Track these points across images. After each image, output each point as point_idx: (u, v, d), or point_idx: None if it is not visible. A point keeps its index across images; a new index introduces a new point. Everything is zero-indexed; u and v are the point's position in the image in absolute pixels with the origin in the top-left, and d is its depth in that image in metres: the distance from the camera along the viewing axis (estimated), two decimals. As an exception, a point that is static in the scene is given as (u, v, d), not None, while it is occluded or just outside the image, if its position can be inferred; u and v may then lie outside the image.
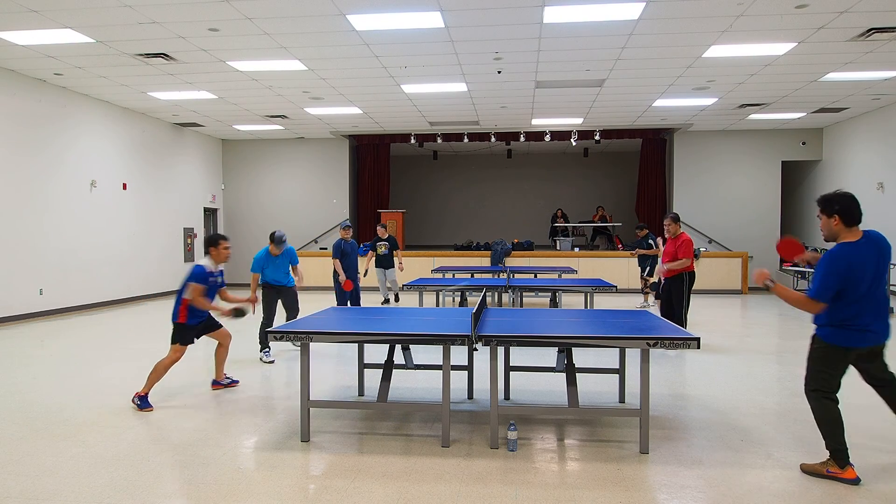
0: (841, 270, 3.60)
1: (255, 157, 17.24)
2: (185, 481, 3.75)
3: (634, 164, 17.82)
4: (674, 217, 8.05)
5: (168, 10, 7.49)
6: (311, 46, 8.88)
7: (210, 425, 4.77)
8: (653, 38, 8.54)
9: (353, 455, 4.17)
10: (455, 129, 15.77)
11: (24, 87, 10.49)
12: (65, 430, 4.69)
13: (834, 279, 3.61)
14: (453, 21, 7.89)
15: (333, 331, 4.46)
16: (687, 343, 3.96)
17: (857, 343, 3.70)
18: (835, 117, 14.14)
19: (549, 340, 4.34)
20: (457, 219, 21.31)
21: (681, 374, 6.58)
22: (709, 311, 11.70)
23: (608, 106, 12.96)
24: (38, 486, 3.67)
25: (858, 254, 3.64)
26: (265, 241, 17.77)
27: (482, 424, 4.70)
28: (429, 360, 5.77)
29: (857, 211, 3.71)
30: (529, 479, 3.74)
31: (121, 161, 13.10)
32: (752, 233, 15.83)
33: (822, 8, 7.37)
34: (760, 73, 10.25)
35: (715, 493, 3.56)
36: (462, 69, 10.07)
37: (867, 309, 3.66)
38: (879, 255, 3.69)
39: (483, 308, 5.39)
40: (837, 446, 3.72)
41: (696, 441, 4.41)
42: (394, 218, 16.60)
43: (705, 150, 16.04)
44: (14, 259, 10.29)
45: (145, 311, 11.87)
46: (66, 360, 7.33)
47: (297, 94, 11.83)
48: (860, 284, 3.62)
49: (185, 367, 6.95)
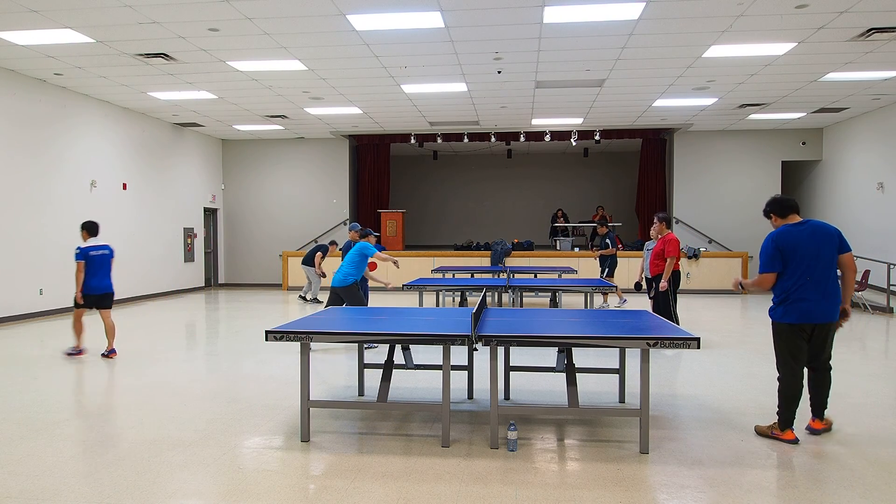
0: (769, 245, 4.41)
1: (255, 157, 17.24)
2: (185, 481, 3.74)
3: (634, 164, 17.83)
4: (659, 218, 8.22)
5: (168, 10, 7.49)
6: (311, 46, 8.88)
7: (210, 425, 4.77)
8: (653, 38, 8.55)
9: (353, 455, 4.17)
10: (455, 129, 15.77)
11: (24, 87, 10.49)
12: (64, 430, 4.69)
13: (767, 253, 4.41)
14: (453, 21, 7.89)
15: (333, 331, 4.45)
16: (687, 343, 3.96)
17: (798, 319, 4.31)
18: (835, 117, 14.15)
19: (549, 340, 4.34)
20: (457, 219, 21.32)
21: (681, 373, 6.58)
22: (709, 311, 11.70)
23: (608, 106, 12.96)
24: (38, 486, 3.67)
25: (787, 233, 4.38)
26: (265, 240, 17.87)
27: (482, 424, 4.70)
28: (429, 360, 5.78)
29: (784, 204, 4.51)
30: (529, 479, 3.74)
31: (121, 161, 13.10)
32: (752, 233, 15.79)
33: (822, 8, 7.37)
34: (760, 73, 10.25)
35: (715, 493, 3.56)
36: (462, 69, 10.07)
37: (806, 284, 4.29)
38: (816, 237, 4.33)
39: (483, 308, 5.39)
40: (786, 416, 4.38)
41: (696, 441, 4.41)
42: (394, 218, 16.60)
43: (705, 150, 16.05)
44: (14, 259, 10.29)
45: (145, 311, 11.87)
46: (66, 359, 7.33)
47: (297, 94, 11.83)
48: (793, 259, 4.32)
49: (184, 367, 6.95)
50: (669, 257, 7.73)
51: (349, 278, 7.58)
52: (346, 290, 7.58)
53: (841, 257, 4.41)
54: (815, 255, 4.30)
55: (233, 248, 17.47)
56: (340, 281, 7.61)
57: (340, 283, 7.60)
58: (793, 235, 4.35)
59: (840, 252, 4.39)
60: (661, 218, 8.22)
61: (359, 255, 7.69)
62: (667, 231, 8.09)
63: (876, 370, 6.73)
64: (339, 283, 7.61)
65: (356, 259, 7.68)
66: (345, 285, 7.58)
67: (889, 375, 6.53)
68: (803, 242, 4.32)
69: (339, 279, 7.63)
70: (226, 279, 17.40)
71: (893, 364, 7.23)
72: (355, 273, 7.63)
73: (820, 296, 4.29)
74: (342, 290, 7.60)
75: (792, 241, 4.34)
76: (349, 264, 7.66)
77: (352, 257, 7.69)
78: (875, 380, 6.27)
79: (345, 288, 7.58)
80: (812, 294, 4.28)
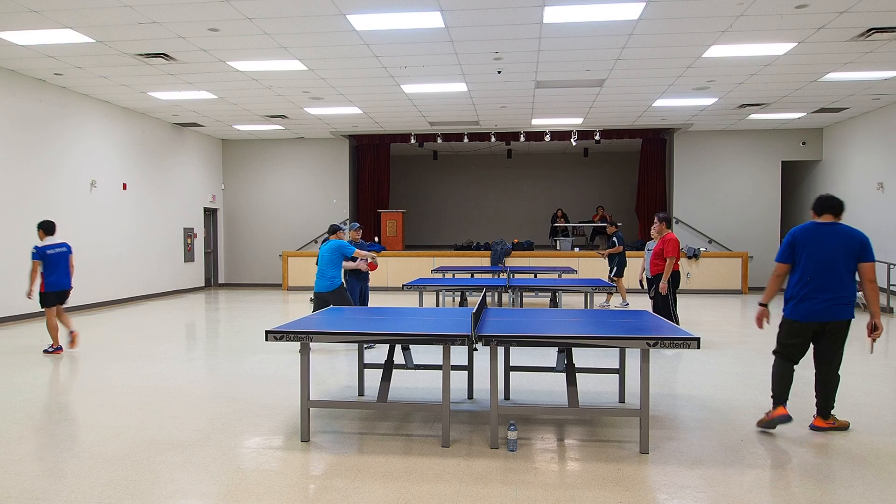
0: (787, 237, 4.55)
1: (255, 157, 17.25)
2: (185, 481, 3.74)
3: (634, 164, 17.82)
4: (659, 217, 8.25)
5: (168, 10, 7.49)
6: (311, 46, 8.88)
7: (210, 425, 4.77)
8: (653, 38, 8.54)
9: (353, 455, 4.17)
10: (455, 129, 15.77)
11: (24, 87, 10.49)
12: (65, 430, 4.69)
13: (782, 244, 4.58)
14: (453, 21, 7.89)
15: (333, 331, 4.45)
16: (687, 343, 3.96)
17: (803, 318, 4.43)
18: (835, 117, 14.15)
19: (549, 340, 4.34)
20: (457, 219, 21.31)
21: (681, 374, 6.58)
22: (709, 311, 11.70)
23: (608, 106, 12.96)
24: (38, 486, 3.67)
25: (807, 229, 4.47)
26: (265, 240, 17.88)
27: (482, 424, 4.70)
28: (429, 360, 5.77)
29: (821, 202, 4.53)
30: (529, 479, 3.74)
31: (121, 161, 13.10)
32: (752, 233, 15.84)
33: (822, 8, 7.37)
34: (760, 73, 10.25)
35: (715, 493, 3.56)
36: (462, 69, 10.07)
37: (811, 284, 4.38)
38: (836, 240, 4.37)
39: (483, 308, 5.39)
40: (777, 392, 4.56)
41: (696, 441, 4.41)
42: (394, 218, 16.60)
43: (705, 150, 16.05)
44: (14, 259, 10.28)
45: (145, 311, 11.87)
46: (66, 359, 7.33)
47: (297, 94, 11.83)
48: (804, 256, 4.41)
49: (184, 367, 6.95)
50: (669, 257, 7.74)
51: (336, 281, 7.47)
52: (334, 293, 7.45)
53: (860, 266, 4.38)
54: (829, 257, 4.35)
55: (233, 248, 17.47)
56: (328, 286, 7.45)
57: (328, 288, 7.44)
58: (811, 233, 4.43)
59: (860, 261, 4.37)
60: (661, 218, 8.24)
61: (337, 254, 7.51)
62: (667, 231, 8.10)
63: (876, 370, 6.73)
64: (326, 288, 7.45)
65: (336, 258, 7.51)
66: (333, 289, 7.45)
67: (889, 375, 6.54)
68: (820, 243, 4.38)
69: (326, 284, 7.45)
70: (226, 279, 17.40)
71: (894, 364, 7.24)
72: (339, 274, 7.52)
73: (825, 297, 4.35)
74: (330, 295, 7.45)
75: (808, 238, 4.42)
76: (331, 266, 7.48)
77: (331, 258, 7.50)
78: (875, 379, 6.27)
79: (333, 292, 7.45)
80: (817, 294, 4.36)
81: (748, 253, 15.18)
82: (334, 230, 7.96)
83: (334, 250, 7.52)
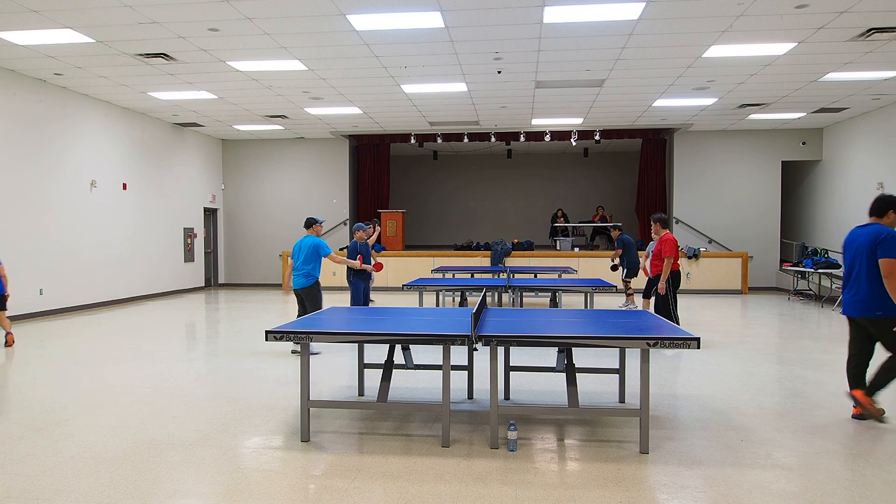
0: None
1: (255, 157, 17.25)
2: (184, 481, 3.75)
3: (634, 164, 17.82)
4: (654, 219, 8.30)
5: (168, 10, 7.49)
6: (311, 46, 8.88)
7: (210, 425, 4.77)
8: (653, 38, 8.55)
9: (353, 455, 4.17)
10: (455, 129, 15.77)
11: (24, 87, 10.49)
12: (65, 430, 4.69)
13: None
14: (453, 21, 7.89)
15: (333, 331, 4.45)
16: (687, 343, 3.96)
17: (843, 311, 4.91)
18: (835, 117, 14.14)
19: (549, 340, 4.34)
20: (457, 219, 21.31)
21: (681, 374, 6.58)
22: (709, 311, 11.70)
23: (608, 106, 12.96)
24: (38, 486, 3.67)
25: (850, 232, 4.93)
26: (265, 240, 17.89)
27: (482, 424, 4.70)
28: (429, 360, 5.78)
29: (874, 205, 4.80)
30: (529, 479, 3.74)
31: (121, 161, 13.10)
32: (752, 233, 15.84)
33: (822, 8, 7.37)
34: (760, 73, 10.25)
35: (715, 493, 3.56)
36: (462, 69, 10.07)
37: (847, 283, 4.84)
38: (861, 238, 4.73)
39: (483, 308, 5.39)
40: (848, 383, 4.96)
41: (696, 441, 4.41)
42: (394, 218, 16.60)
43: (705, 149, 16.05)
44: (14, 259, 10.28)
45: (145, 311, 11.87)
46: (66, 360, 7.33)
47: (297, 94, 11.83)
48: (845, 257, 4.90)
49: (184, 367, 6.95)
50: (666, 257, 7.75)
51: (311, 279, 7.35)
52: (309, 290, 7.34)
53: (880, 262, 4.55)
54: (855, 254, 4.75)
55: (233, 248, 17.47)
56: (304, 283, 7.35)
57: (304, 285, 7.35)
58: (850, 235, 4.90)
59: (878, 256, 4.55)
60: (657, 219, 8.28)
61: (314, 251, 7.39)
62: (664, 231, 8.12)
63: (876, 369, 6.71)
64: (303, 285, 7.35)
65: (313, 256, 7.38)
66: (308, 286, 7.35)
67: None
68: (853, 243, 4.82)
69: (303, 282, 7.35)
70: (226, 279, 17.40)
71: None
72: (316, 270, 7.41)
73: (849, 292, 4.80)
74: (305, 291, 7.34)
75: (847, 240, 4.92)
76: (308, 262, 7.36)
77: (310, 255, 7.36)
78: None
79: (308, 288, 7.35)
80: (846, 291, 4.84)
81: (748, 253, 15.18)
82: (310, 224, 7.70)
83: (312, 249, 7.39)
